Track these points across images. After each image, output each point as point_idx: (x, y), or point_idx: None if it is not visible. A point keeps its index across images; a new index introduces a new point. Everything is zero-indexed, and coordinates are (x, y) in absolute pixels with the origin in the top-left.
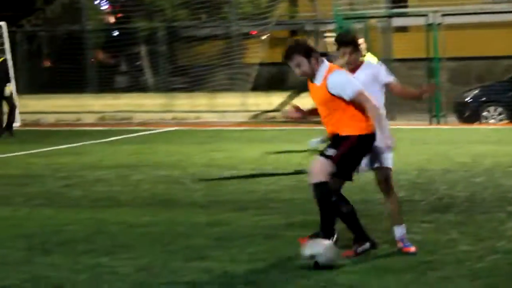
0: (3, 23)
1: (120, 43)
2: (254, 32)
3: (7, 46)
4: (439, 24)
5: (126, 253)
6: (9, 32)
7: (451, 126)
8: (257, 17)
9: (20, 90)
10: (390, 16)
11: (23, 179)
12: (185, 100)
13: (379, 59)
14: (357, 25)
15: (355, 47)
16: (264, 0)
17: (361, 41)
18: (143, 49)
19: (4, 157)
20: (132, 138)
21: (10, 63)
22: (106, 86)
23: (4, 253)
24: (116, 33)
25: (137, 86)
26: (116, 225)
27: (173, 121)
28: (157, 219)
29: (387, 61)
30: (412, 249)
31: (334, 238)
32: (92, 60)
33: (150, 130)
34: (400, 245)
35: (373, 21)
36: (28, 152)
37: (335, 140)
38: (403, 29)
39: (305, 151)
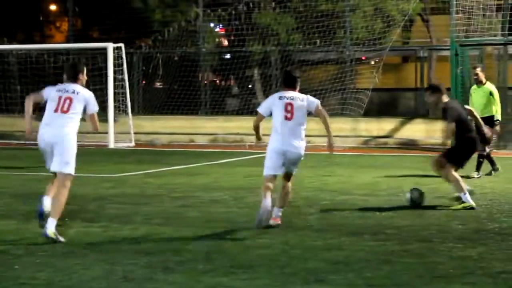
0: (121, 45)
1: (233, 66)
2: (364, 58)
3: (124, 67)
4: None
5: (245, 274)
6: (126, 53)
7: None
8: (370, 42)
9: (135, 111)
10: (507, 43)
11: (140, 199)
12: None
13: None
14: (473, 52)
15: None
16: (379, 25)
17: (478, 69)
18: (256, 72)
19: (122, 176)
20: (244, 160)
21: (126, 84)
22: (218, 108)
23: (126, 270)
24: (228, 56)
25: (248, 109)
26: (234, 246)
27: None
28: (274, 241)
29: (502, 88)
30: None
31: None
32: (205, 82)
33: (262, 153)
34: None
35: (489, 48)
36: (144, 172)
37: None
38: None
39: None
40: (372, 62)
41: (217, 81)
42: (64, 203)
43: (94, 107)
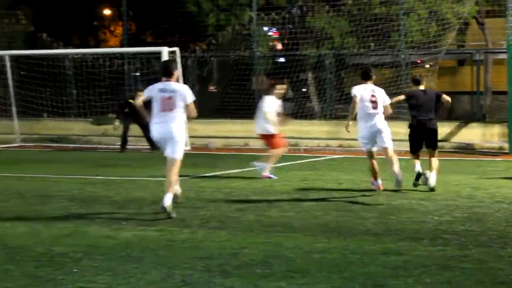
0: (176, 49)
1: (287, 69)
2: (419, 61)
3: (180, 71)
4: None
5: (303, 278)
6: (181, 57)
7: None
8: (425, 45)
9: None
10: None
11: (196, 202)
12: (352, 127)
13: None
14: None
15: None
16: (433, 28)
17: None
18: (310, 76)
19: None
20: (300, 164)
21: None
22: None
23: (184, 274)
24: (282, 59)
25: (302, 113)
26: (292, 250)
27: (339, 149)
28: (331, 246)
29: None
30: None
31: None
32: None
33: (317, 157)
34: None
35: None
36: (199, 175)
37: None
38: None
39: None
40: (427, 66)
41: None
42: (176, 179)
43: (191, 98)
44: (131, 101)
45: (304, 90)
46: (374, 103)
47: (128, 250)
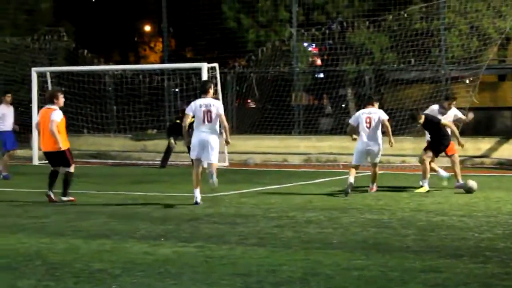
0: (215, 65)
1: (326, 85)
2: (460, 76)
3: (218, 87)
4: None
5: None
6: (220, 73)
7: None
8: (466, 61)
9: (229, 131)
10: None
11: (235, 218)
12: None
13: None
14: None
15: None
16: (475, 44)
17: None
18: (349, 92)
19: (216, 196)
20: (338, 180)
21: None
22: (311, 128)
23: None
24: (322, 75)
25: (342, 129)
26: (330, 267)
27: (379, 165)
28: (370, 263)
29: None
30: None
31: None
32: (298, 102)
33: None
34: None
35: None
36: (238, 191)
37: None
38: None
39: None
40: (467, 81)
41: (309, 100)
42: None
43: (221, 110)
44: (178, 121)
45: (343, 105)
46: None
47: (166, 267)
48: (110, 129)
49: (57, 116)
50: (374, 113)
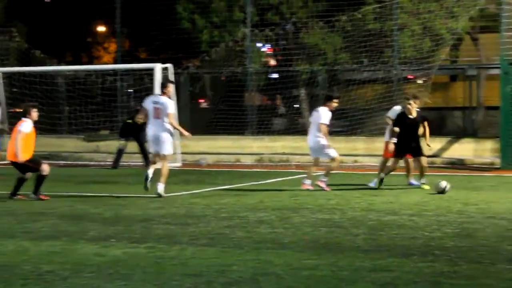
0: (169, 65)
1: (279, 85)
2: (412, 76)
3: (172, 87)
4: None
5: None
6: (174, 73)
7: None
8: (419, 61)
9: None
10: None
11: (187, 219)
12: (344, 143)
13: None
14: None
15: None
16: (427, 44)
17: None
18: (302, 92)
19: (168, 197)
20: (290, 180)
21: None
22: (264, 128)
23: None
24: (275, 75)
25: (295, 129)
26: (281, 267)
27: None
28: (321, 263)
29: None
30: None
31: None
32: (250, 102)
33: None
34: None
35: None
36: (190, 192)
37: None
38: None
39: None
40: (419, 81)
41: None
42: (166, 172)
43: (170, 110)
44: (129, 121)
45: (296, 106)
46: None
47: (117, 268)
48: (62, 130)
49: (25, 127)
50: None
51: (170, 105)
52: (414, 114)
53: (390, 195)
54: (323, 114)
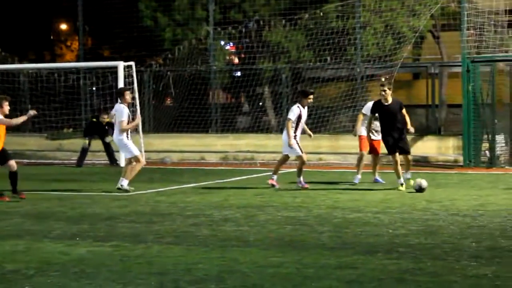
0: (132, 63)
1: (243, 83)
2: (379, 75)
3: (135, 85)
4: None
5: None
6: (137, 71)
7: None
8: (381, 59)
9: (146, 129)
10: None
11: (152, 217)
12: (308, 141)
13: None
14: (484, 68)
15: None
16: (389, 42)
17: None
18: (266, 90)
19: (133, 195)
20: (255, 178)
21: (137, 102)
22: (229, 126)
23: None
24: (239, 73)
25: (259, 127)
26: (246, 265)
27: (295, 162)
28: (286, 260)
29: None
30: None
31: None
32: (215, 100)
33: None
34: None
35: (500, 64)
36: (155, 190)
37: None
38: None
39: None
40: (383, 79)
41: (226, 99)
42: (134, 173)
43: (120, 118)
44: (94, 120)
45: (260, 104)
46: None
47: (82, 266)
48: (25, 128)
49: None
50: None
51: (122, 113)
52: (390, 101)
53: (356, 193)
54: (291, 110)
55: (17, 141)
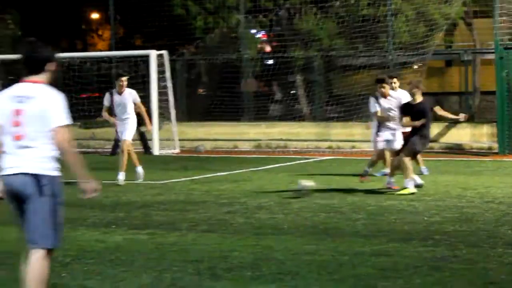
0: (164, 52)
1: (275, 72)
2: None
3: (168, 74)
4: None
5: (293, 281)
6: (169, 60)
7: None
8: (413, 46)
9: (179, 118)
10: None
11: (186, 205)
12: (341, 129)
13: None
14: None
15: None
16: (421, 29)
17: None
18: (298, 78)
19: (167, 183)
20: (288, 166)
21: (169, 91)
22: (261, 114)
23: (175, 277)
24: (271, 61)
25: (291, 115)
26: (281, 252)
27: (328, 150)
28: (321, 248)
29: None
30: None
31: None
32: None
33: (306, 158)
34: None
35: None
36: (189, 178)
37: None
38: None
39: None
40: (415, 66)
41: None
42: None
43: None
44: None
45: (292, 92)
46: None
47: (117, 254)
48: None
49: None
50: None
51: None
52: (419, 100)
53: None
54: (370, 103)
55: None
